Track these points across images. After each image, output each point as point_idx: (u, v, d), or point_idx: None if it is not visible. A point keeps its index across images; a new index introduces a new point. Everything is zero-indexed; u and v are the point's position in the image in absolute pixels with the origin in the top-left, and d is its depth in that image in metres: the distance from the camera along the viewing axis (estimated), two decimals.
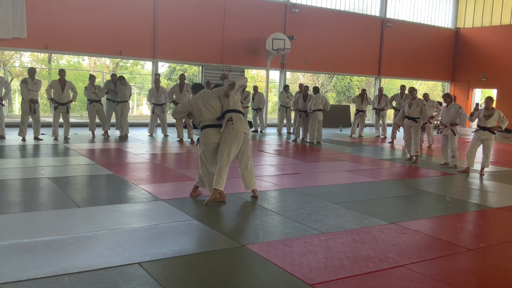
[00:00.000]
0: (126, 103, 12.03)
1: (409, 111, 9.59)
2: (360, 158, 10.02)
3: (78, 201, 5.38)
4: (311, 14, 18.32)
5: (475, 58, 21.92)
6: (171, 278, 3.42)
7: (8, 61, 23.70)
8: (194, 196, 5.83)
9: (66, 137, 11.07)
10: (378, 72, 20.65)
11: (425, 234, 4.72)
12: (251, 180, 5.83)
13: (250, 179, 5.82)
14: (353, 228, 4.79)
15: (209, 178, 5.63)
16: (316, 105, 12.26)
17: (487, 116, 8.38)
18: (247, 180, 5.82)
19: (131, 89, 12.10)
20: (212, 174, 5.62)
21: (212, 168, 5.64)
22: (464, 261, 4.09)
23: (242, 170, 5.83)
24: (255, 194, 5.91)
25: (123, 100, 11.93)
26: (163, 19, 15.31)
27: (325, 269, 3.66)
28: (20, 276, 3.24)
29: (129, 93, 12.07)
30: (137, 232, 4.36)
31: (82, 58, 24.02)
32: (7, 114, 14.37)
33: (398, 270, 3.71)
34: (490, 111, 8.38)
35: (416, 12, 21.73)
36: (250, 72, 24.05)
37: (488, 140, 8.46)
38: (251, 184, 5.84)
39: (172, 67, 24.81)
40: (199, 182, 5.82)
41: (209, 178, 5.64)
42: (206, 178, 5.67)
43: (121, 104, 11.95)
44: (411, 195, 6.60)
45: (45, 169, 7.23)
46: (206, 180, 5.69)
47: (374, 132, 15.57)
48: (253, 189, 5.89)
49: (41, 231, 4.24)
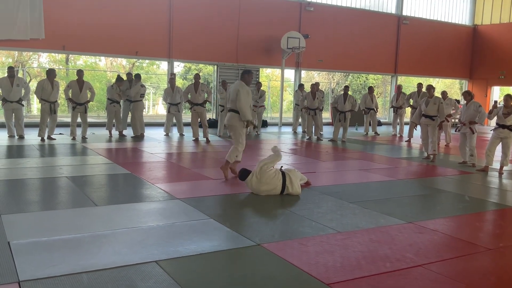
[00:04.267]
0: (138, 103, 12.08)
1: (426, 109, 9.48)
2: (377, 157, 9.95)
3: (96, 200, 5.44)
4: (326, 12, 18.22)
5: (493, 55, 21.57)
6: (188, 276, 3.43)
7: (26, 62, 24.08)
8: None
9: (84, 136, 11.20)
10: (394, 70, 20.46)
11: (443, 234, 4.66)
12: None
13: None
14: (369, 227, 4.75)
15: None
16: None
17: (506, 114, 8.25)
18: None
19: (140, 88, 11.98)
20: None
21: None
22: (483, 261, 4.03)
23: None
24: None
25: (135, 100, 11.98)
26: (179, 19, 15.38)
27: (342, 268, 3.64)
28: (39, 274, 3.29)
29: (137, 92, 11.92)
30: (154, 230, 4.39)
31: (99, 59, 24.33)
32: (25, 114, 14.59)
33: (416, 270, 3.67)
34: (509, 109, 8.24)
35: (433, 9, 21.47)
36: (265, 71, 24.06)
37: (507, 138, 8.32)
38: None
39: (187, 67, 24.96)
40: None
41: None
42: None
43: (133, 104, 12.01)
44: (429, 194, 6.52)
45: (64, 168, 7.32)
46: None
47: (391, 130, 15.44)
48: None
49: (60, 230, 4.30)
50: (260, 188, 5.91)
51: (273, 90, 23.58)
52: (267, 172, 5.93)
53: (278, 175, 5.98)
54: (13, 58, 23.07)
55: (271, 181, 5.91)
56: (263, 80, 19.49)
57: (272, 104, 22.96)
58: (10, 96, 10.70)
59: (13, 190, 5.83)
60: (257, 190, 5.93)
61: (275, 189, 5.93)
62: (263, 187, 5.90)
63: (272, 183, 5.92)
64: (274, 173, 5.98)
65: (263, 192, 5.91)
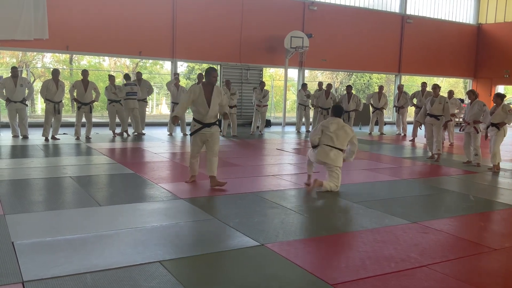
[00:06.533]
0: (140, 102, 12.38)
1: (431, 108, 9.44)
2: (381, 157, 9.92)
3: (100, 200, 5.44)
4: (330, 12, 18.19)
5: (498, 54, 21.47)
6: (191, 276, 3.42)
7: (30, 62, 24.15)
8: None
9: (88, 136, 11.22)
10: (398, 69, 20.40)
11: (448, 234, 4.64)
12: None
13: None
14: (374, 227, 4.73)
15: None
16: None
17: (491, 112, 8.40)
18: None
19: (147, 87, 12.54)
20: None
21: None
22: (489, 261, 4.01)
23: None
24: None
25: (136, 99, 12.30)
26: (182, 19, 15.38)
27: (347, 268, 3.63)
28: (43, 274, 3.29)
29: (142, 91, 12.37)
30: (157, 230, 4.39)
31: (103, 59, 24.38)
32: (29, 114, 14.63)
33: (421, 270, 3.65)
34: (493, 108, 8.34)
35: (437, 8, 21.39)
36: (268, 70, 24.04)
37: (495, 136, 8.48)
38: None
39: (190, 66, 24.98)
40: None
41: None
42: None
43: (140, 103, 12.41)
44: (433, 194, 6.49)
45: (68, 168, 7.33)
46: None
47: (395, 130, 15.40)
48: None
49: (64, 230, 4.30)
50: (329, 153, 6.08)
51: (276, 90, 23.57)
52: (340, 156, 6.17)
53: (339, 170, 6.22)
54: (17, 58, 23.14)
55: (338, 158, 6.14)
56: (266, 80, 19.48)
57: (275, 103, 22.95)
58: (14, 96, 10.72)
59: (17, 190, 5.84)
60: (325, 153, 6.09)
61: (334, 164, 6.15)
62: (331, 154, 6.11)
63: (338, 159, 6.15)
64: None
65: (326, 160, 6.10)
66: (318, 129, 6.31)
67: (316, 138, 6.26)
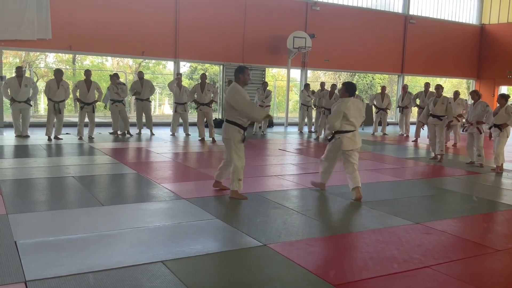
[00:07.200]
0: (144, 102, 12.47)
1: (434, 109, 9.42)
2: (384, 157, 9.90)
3: (102, 200, 5.44)
4: (332, 12, 18.17)
5: (501, 54, 21.41)
6: (194, 276, 3.42)
7: (33, 62, 24.21)
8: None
9: (91, 136, 11.23)
10: (401, 69, 20.37)
11: (451, 235, 4.62)
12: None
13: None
14: (376, 228, 4.72)
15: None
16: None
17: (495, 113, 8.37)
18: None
19: (149, 87, 12.50)
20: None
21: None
22: (492, 262, 3.99)
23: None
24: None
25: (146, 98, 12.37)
26: (185, 20, 15.39)
27: (349, 269, 3.62)
28: (46, 274, 3.29)
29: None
30: (160, 230, 4.39)
31: (106, 59, 24.41)
32: (32, 114, 14.65)
33: (424, 271, 3.64)
34: (496, 109, 8.31)
35: (440, 8, 21.36)
36: (271, 70, 24.02)
37: (498, 137, 8.45)
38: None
39: (193, 66, 24.99)
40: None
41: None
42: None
43: (145, 102, 12.52)
44: (436, 195, 6.48)
45: (70, 168, 7.34)
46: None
47: (398, 130, 15.37)
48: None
49: (66, 229, 4.30)
50: (355, 140, 6.02)
51: (279, 90, 23.55)
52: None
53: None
54: (20, 58, 23.19)
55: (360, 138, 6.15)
56: (269, 80, 19.48)
57: (278, 104, 22.93)
58: (18, 96, 10.75)
59: (20, 189, 5.85)
60: (352, 141, 6.00)
61: (359, 146, 6.15)
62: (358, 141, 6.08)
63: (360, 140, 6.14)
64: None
65: (355, 147, 6.04)
66: (338, 112, 5.84)
67: (337, 123, 5.86)
